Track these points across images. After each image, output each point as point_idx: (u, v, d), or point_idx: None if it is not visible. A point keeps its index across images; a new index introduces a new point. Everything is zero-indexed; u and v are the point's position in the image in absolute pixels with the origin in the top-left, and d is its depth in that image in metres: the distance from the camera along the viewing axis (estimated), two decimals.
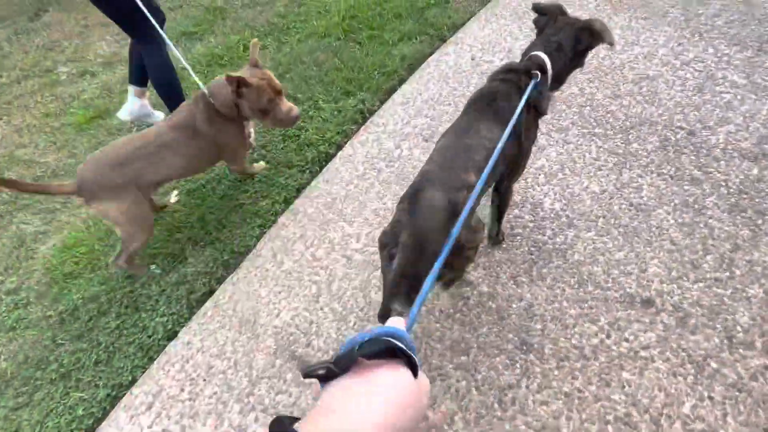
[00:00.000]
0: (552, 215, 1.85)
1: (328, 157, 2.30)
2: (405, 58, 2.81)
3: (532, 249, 1.76)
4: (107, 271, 1.95)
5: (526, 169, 1.64)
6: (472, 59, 2.71)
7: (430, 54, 2.85)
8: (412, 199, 1.10)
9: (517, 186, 1.97)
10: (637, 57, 2.50)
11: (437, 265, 0.69)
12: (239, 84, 1.60)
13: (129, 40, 2.33)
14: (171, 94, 2.28)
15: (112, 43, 3.75)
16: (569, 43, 1.35)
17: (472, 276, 1.69)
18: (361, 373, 0.40)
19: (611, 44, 1.35)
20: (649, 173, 1.93)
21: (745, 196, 1.79)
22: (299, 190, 2.17)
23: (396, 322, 0.51)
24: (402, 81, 2.69)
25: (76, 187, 1.57)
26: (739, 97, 2.17)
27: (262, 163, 2.23)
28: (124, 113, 2.55)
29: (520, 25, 2.88)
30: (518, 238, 1.80)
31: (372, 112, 2.51)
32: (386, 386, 0.40)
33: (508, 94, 1.28)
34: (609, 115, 2.21)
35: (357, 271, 1.79)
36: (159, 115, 2.61)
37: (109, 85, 3.23)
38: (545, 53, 1.33)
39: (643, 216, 1.79)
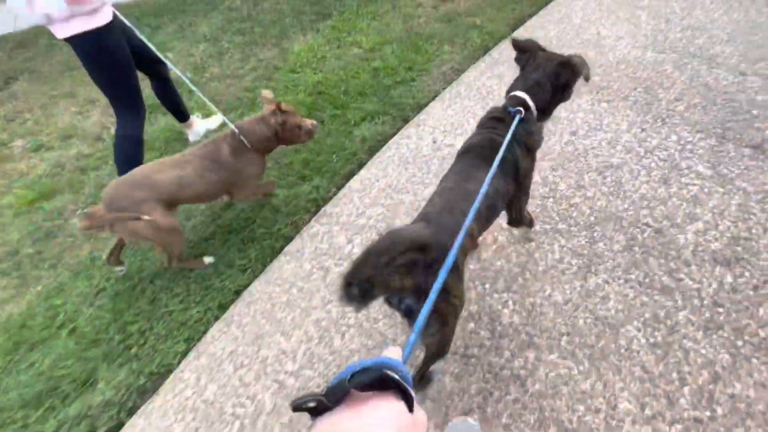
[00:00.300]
0: (511, 331, 1.65)
1: (274, 253, 2.11)
2: (366, 140, 2.71)
3: (488, 376, 1.53)
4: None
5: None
6: (434, 142, 2.62)
7: (392, 135, 2.77)
8: (412, 238, 1.02)
9: (474, 294, 1.79)
10: (600, 143, 2.42)
11: (433, 294, 0.68)
12: (278, 107, 1.93)
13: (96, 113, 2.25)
14: (131, 166, 2.09)
15: (74, 115, 3.66)
16: (549, 78, 1.36)
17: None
18: (352, 406, 0.39)
19: (587, 79, 1.35)
20: (616, 279, 1.76)
21: (720, 309, 1.62)
22: (237, 293, 1.96)
23: (392, 352, 0.49)
24: (361, 165, 2.57)
25: (104, 208, 1.65)
26: (705, 190, 2.06)
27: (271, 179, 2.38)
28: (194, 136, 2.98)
29: (483, 105, 2.83)
30: (473, 360, 1.59)
31: (326, 200, 2.37)
32: (379, 420, 0.38)
33: (500, 138, 1.26)
34: (573, 208, 2.08)
35: (288, 403, 1.54)
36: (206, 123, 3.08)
37: (62, 162, 3.09)
38: (525, 90, 1.35)
39: (611, 333, 1.60)
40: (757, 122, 2.37)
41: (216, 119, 3.11)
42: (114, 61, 1.94)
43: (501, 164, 1.17)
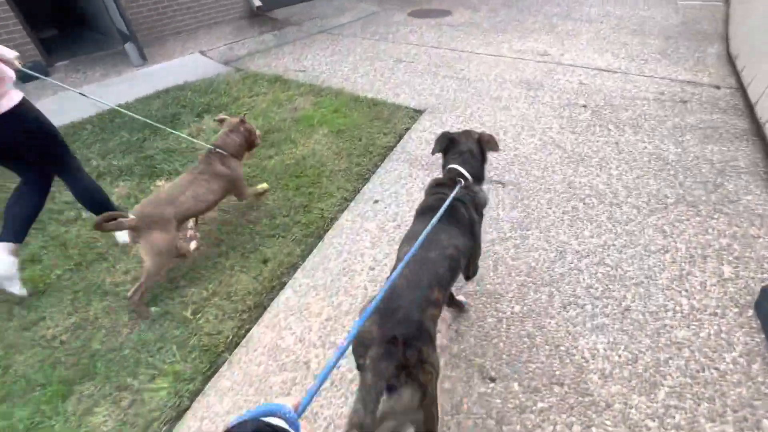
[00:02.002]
0: None
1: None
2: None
3: None
4: None
5: None
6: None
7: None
8: (386, 314, 1.11)
9: None
10: None
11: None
12: (242, 121, 2.31)
13: None
14: (107, 209, 2.08)
15: None
16: (476, 148, 1.61)
17: None
18: None
19: (496, 148, 1.63)
20: None
21: None
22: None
23: (284, 400, 0.48)
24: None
25: (136, 221, 1.79)
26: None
27: (265, 185, 2.58)
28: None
29: None
30: None
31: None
32: None
33: (453, 201, 1.41)
34: None
35: None
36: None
37: None
38: (459, 164, 1.56)
39: None
40: None
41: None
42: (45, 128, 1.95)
43: (459, 224, 1.38)
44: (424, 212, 1.46)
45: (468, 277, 1.69)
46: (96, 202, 2.16)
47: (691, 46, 4.40)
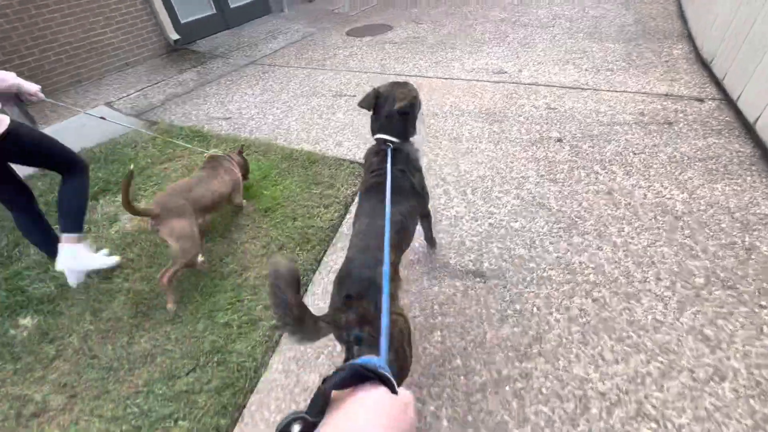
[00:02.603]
0: None
1: None
2: None
3: None
4: None
5: None
6: None
7: None
8: (341, 281, 1.23)
9: None
10: None
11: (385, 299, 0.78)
12: (240, 151, 2.63)
13: None
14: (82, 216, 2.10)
15: None
16: (391, 112, 1.54)
17: None
18: (340, 409, 0.38)
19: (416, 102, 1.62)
20: None
21: None
22: None
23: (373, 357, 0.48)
24: None
25: (158, 209, 1.89)
26: None
27: (244, 201, 2.58)
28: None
29: None
30: None
31: None
32: (369, 414, 0.37)
33: (384, 174, 1.41)
34: None
35: None
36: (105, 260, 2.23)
37: None
38: (380, 131, 1.56)
39: None
40: None
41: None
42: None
43: (400, 190, 1.42)
44: (368, 191, 1.49)
45: (428, 239, 1.98)
46: (75, 207, 2.06)
47: (654, 48, 3.97)
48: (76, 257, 2.01)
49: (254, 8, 7.24)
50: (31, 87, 1.93)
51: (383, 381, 0.40)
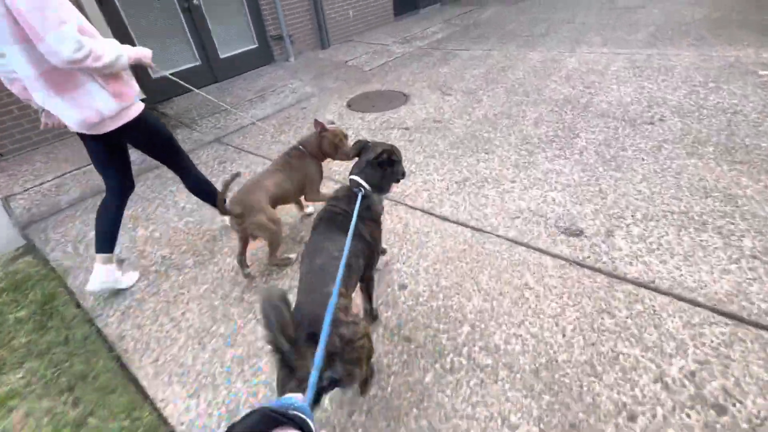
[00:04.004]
0: None
1: None
2: None
3: None
4: None
5: None
6: None
7: None
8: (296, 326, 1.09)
9: None
10: None
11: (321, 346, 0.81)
12: (322, 128, 2.21)
13: None
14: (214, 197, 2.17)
15: None
16: (374, 162, 1.56)
17: None
18: None
19: (401, 173, 1.68)
20: None
21: None
22: None
23: (293, 396, 0.48)
24: None
25: (240, 208, 1.93)
26: None
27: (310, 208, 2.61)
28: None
29: None
30: None
31: None
32: None
33: (340, 211, 1.49)
34: None
35: None
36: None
37: None
38: (358, 174, 1.56)
39: None
40: None
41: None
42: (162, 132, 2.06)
43: (345, 232, 1.36)
44: (314, 228, 1.51)
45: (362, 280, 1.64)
46: (205, 192, 2.28)
47: None
48: (104, 277, 2.05)
49: (250, 58, 5.88)
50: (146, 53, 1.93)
51: (297, 424, 0.37)
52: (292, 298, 1.20)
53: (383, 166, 1.56)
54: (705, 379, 1.41)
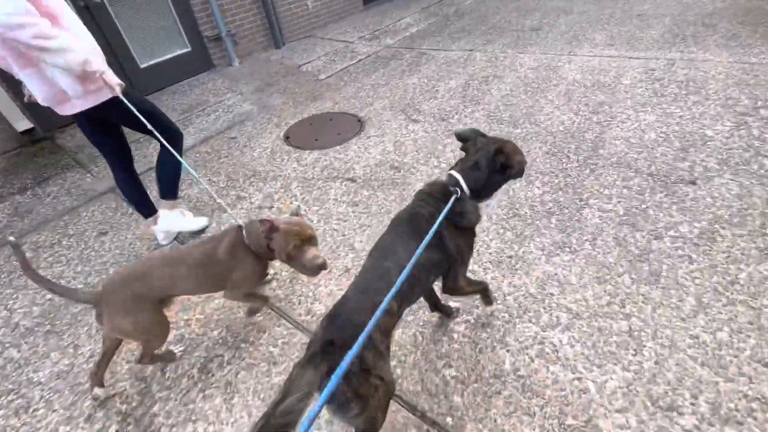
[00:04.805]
0: None
1: None
2: None
3: None
4: None
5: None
6: None
7: None
8: (330, 320, 1.06)
9: None
10: None
11: (344, 365, 0.70)
12: (270, 227, 1.51)
13: None
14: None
15: None
16: (484, 162, 1.28)
17: None
18: None
19: (520, 173, 1.32)
20: None
21: None
22: None
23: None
24: None
25: (98, 297, 1.43)
26: None
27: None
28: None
29: None
30: None
31: None
32: None
33: (426, 213, 1.26)
34: None
35: None
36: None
37: None
38: (459, 172, 1.30)
39: None
40: None
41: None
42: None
43: (422, 239, 1.17)
44: (392, 223, 1.32)
45: (445, 290, 1.38)
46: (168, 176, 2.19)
47: None
48: (171, 221, 2.19)
49: (182, 65, 4.77)
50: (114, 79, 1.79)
51: None
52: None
53: (493, 171, 1.29)
54: None
